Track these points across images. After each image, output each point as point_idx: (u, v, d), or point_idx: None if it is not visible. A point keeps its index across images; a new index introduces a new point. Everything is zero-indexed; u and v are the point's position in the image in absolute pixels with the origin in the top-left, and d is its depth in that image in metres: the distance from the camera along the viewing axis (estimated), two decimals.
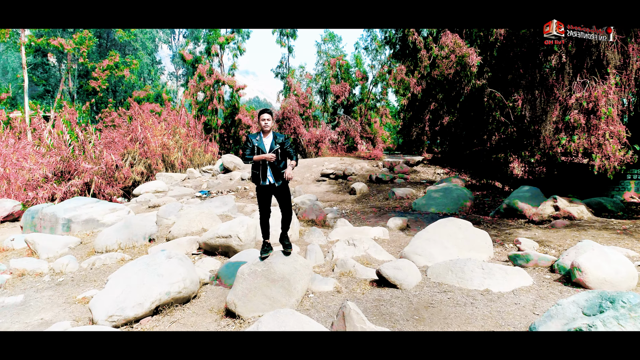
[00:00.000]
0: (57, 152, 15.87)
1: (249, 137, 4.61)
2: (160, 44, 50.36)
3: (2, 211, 11.19)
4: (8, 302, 5.28)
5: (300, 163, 17.62)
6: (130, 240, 7.38)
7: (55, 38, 30.76)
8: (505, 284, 4.68)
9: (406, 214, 9.90)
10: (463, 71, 12.40)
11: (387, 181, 14.19)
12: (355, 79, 25.94)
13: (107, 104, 32.22)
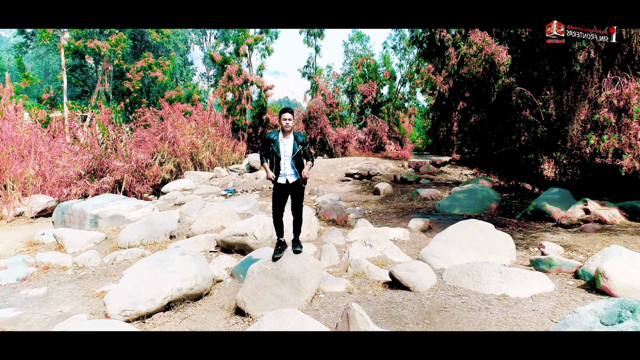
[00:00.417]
0: (90, 151, 16.38)
1: (267, 135, 4.58)
2: (192, 45, 51.33)
3: (37, 206, 11.63)
4: (31, 294, 5.46)
5: (325, 163, 17.59)
6: (152, 237, 7.52)
7: (92, 40, 31.90)
8: (523, 289, 4.49)
9: (429, 215, 9.70)
10: (492, 69, 12.05)
11: (412, 182, 13.97)
12: (383, 79, 25.71)
13: (140, 104, 33.13)
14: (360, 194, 13.38)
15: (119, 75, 35.08)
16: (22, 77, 32.99)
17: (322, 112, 23.48)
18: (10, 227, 10.52)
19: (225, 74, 26.45)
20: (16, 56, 32.82)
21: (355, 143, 24.97)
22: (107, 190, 15.64)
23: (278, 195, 4.60)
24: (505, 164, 13.11)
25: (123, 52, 33.01)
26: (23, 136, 13.62)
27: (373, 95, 25.17)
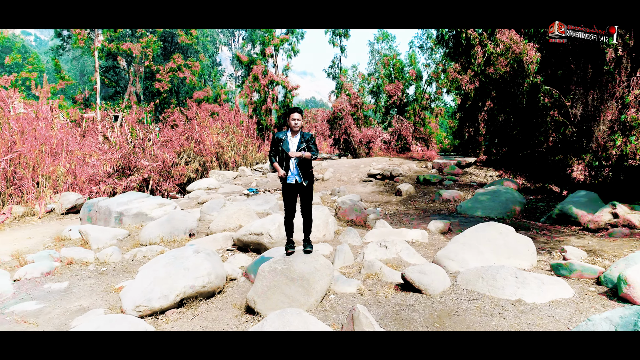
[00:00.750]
0: (118, 150, 16.84)
1: (275, 136, 4.62)
2: (221, 47, 52.12)
3: (67, 203, 12.03)
4: (54, 288, 5.65)
5: (348, 163, 17.54)
6: (172, 235, 7.66)
7: (125, 43, 32.83)
8: (540, 294, 4.35)
9: (450, 217, 9.53)
10: (519, 68, 11.73)
11: (435, 183, 13.76)
12: (409, 78, 25.43)
13: (169, 104, 33.91)
14: (382, 195, 13.26)
15: (150, 76, 35.97)
16: (58, 78, 34.26)
17: (346, 112, 23.41)
18: (42, 223, 10.93)
19: (251, 74, 26.75)
20: (52, 58, 34.05)
21: (380, 143, 24.79)
22: (135, 189, 16.03)
23: (287, 195, 4.62)
24: (532, 165, 12.74)
25: (154, 53, 33.84)
26: (55, 135, 14.10)
27: (398, 95, 24.93)
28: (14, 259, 7.09)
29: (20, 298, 5.37)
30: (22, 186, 12.09)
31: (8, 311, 4.98)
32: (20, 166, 12.42)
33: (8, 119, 13.23)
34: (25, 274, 6.04)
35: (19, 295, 5.47)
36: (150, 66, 34.14)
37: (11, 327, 4.54)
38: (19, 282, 5.93)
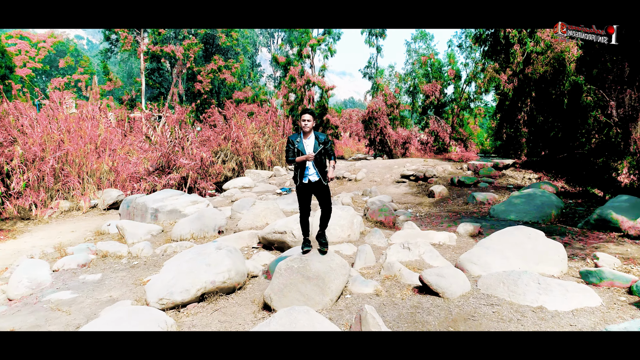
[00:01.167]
0: (159, 149, 17.47)
1: (289, 138, 4.70)
2: (260, 48, 52.96)
3: (109, 199, 12.62)
4: (88, 279, 5.97)
5: (381, 164, 17.41)
6: (202, 231, 7.89)
7: (168, 45, 34.01)
8: (564, 302, 4.19)
9: (482, 220, 9.30)
10: (560, 67, 11.28)
11: (469, 185, 13.44)
12: (448, 78, 24.91)
13: (210, 104, 34.81)
14: (415, 196, 13.10)
15: (191, 78, 37.07)
16: (106, 80, 35.89)
17: (382, 113, 23.23)
18: (85, 218, 11.52)
19: (288, 75, 27.05)
20: (102, 61, 35.72)
21: (417, 144, 24.45)
22: (174, 186, 16.56)
23: (302, 195, 4.68)
24: (573, 168, 12.20)
25: (195, 55, 34.87)
26: (100, 134, 14.81)
27: (436, 95, 24.49)
28: (56, 250, 7.53)
29: (57, 287, 5.71)
30: (68, 182, 12.78)
31: (45, 299, 5.31)
32: (67, 163, 13.13)
33: (57, 119, 14.01)
34: (63, 265, 6.41)
35: (56, 284, 5.82)
36: (192, 68, 35.19)
37: (46, 315, 4.85)
38: (58, 272, 6.30)
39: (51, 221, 11.07)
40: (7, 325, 4.61)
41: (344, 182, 15.77)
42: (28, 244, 8.62)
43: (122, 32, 32.15)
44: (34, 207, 11.43)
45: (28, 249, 8.16)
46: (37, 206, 11.53)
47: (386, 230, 8.42)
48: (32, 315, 4.86)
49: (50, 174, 12.38)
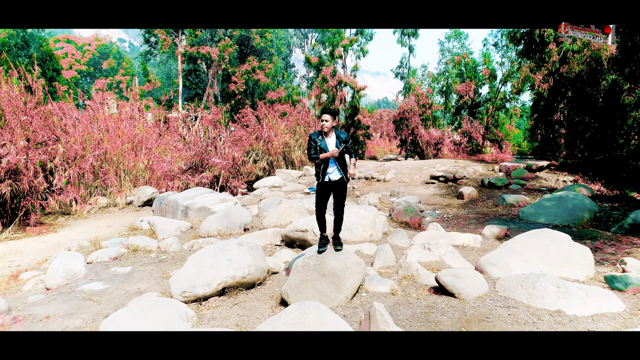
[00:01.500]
0: (192, 148, 17.99)
1: (311, 136, 4.79)
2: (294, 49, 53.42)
3: (143, 196, 13.11)
4: (119, 272, 6.27)
5: (411, 164, 17.28)
6: (228, 228, 8.11)
7: (204, 47, 34.84)
8: (584, 306, 4.10)
9: (510, 222, 9.12)
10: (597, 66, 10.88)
11: (500, 187, 13.16)
12: (482, 77, 24.41)
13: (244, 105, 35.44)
14: (444, 198, 12.95)
15: (226, 79, 37.82)
16: (145, 81, 37.14)
17: (413, 113, 23.02)
18: (121, 213, 12.03)
19: (321, 75, 27.18)
20: (141, 63, 37.01)
21: (450, 145, 24.09)
22: (206, 185, 16.99)
23: (321, 193, 4.76)
24: (611, 170, 11.73)
25: (230, 57, 35.56)
26: (137, 134, 15.39)
27: (470, 95, 24.04)
28: (92, 244, 7.92)
29: (90, 279, 6.03)
30: (106, 179, 13.36)
31: (79, 289, 5.63)
32: (105, 162, 13.74)
33: (97, 119, 14.67)
34: (97, 257, 6.75)
35: (89, 276, 6.15)
36: (227, 69, 35.90)
37: (79, 304, 5.14)
38: (91, 264, 6.65)
39: (90, 216, 11.63)
40: (42, 312, 4.93)
41: (372, 183, 15.76)
42: (67, 238, 9.10)
43: (161, 35, 33.17)
44: (74, 202, 12.02)
45: (67, 242, 8.63)
46: (77, 202, 12.12)
47: (410, 231, 8.39)
48: (65, 304, 5.17)
49: (90, 172, 12.98)
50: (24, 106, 11.28)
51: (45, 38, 39.03)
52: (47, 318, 4.76)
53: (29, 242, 8.88)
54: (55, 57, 37.25)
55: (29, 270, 6.68)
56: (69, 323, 4.59)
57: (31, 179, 10.08)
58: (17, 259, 7.54)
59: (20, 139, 10.10)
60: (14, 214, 10.01)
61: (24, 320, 4.72)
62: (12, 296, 5.63)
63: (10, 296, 5.61)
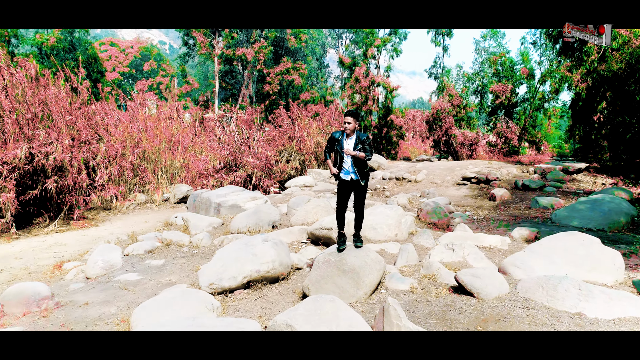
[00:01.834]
0: (227, 147, 18.47)
1: (332, 134, 4.93)
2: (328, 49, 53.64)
3: (179, 194, 13.61)
4: (152, 264, 6.60)
5: (443, 165, 17.10)
6: (257, 225, 8.36)
7: (240, 48, 35.58)
8: (606, 310, 4.04)
9: (542, 225, 8.95)
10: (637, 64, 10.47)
11: (534, 189, 12.86)
12: (520, 77, 23.79)
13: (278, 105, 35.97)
14: (475, 199, 12.79)
15: (261, 79, 38.49)
16: (183, 82, 38.27)
17: (447, 114, 22.73)
18: (157, 210, 12.54)
19: (353, 76, 27.27)
20: (180, 65, 38.18)
21: (485, 146, 23.66)
22: (239, 184, 17.41)
23: (341, 191, 4.89)
24: None
25: (265, 58, 36.16)
26: (173, 133, 15.96)
27: (507, 95, 23.49)
28: (129, 238, 8.35)
29: (126, 270, 6.39)
30: (145, 177, 13.95)
31: (115, 279, 5.99)
32: (144, 160, 14.34)
33: (137, 120, 15.32)
34: (133, 250, 7.13)
35: (125, 267, 6.52)
36: (262, 70, 36.53)
37: (115, 292, 5.48)
38: (128, 256, 7.03)
39: (128, 212, 12.18)
40: (82, 299, 5.29)
41: (403, 183, 15.72)
42: (107, 231, 9.61)
43: (199, 37, 34.07)
44: (114, 198, 12.63)
45: (107, 235, 9.11)
46: (117, 198, 12.73)
47: (437, 232, 8.39)
48: (103, 292, 5.52)
49: (129, 169, 13.58)
50: (69, 107, 11.94)
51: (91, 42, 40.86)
52: (86, 304, 5.10)
53: (72, 235, 9.42)
54: (100, 60, 38.94)
55: (72, 261, 7.12)
56: (105, 310, 4.92)
57: (75, 176, 10.67)
58: (61, 250, 8.04)
59: (66, 138, 10.70)
60: (59, 209, 10.64)
61: (65, 305, 5.09)
62: (56, 284, 6.04)
63: (54, 284, 6.03)
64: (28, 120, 10.39)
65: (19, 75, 11.00)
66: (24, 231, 9.74)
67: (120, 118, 15.07)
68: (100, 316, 4.74)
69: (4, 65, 10.87)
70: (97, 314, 4.80)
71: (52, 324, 4.53)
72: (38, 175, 10.11)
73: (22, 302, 4.89)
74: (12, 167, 9.43)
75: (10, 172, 9.42)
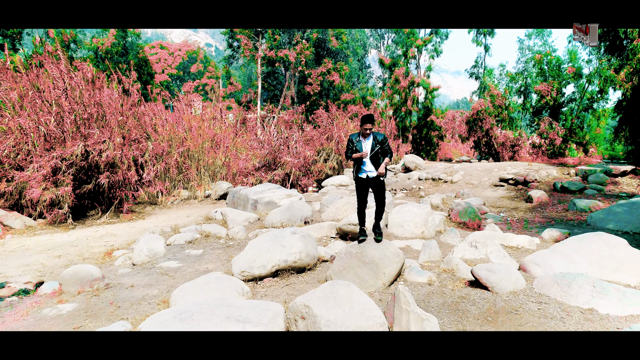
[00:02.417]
0: (266, 147, 19.09)
1: (350, 137, 5.24)
2: (370, 50, 53.62)
3: (220, 190, 14.28)
4: (192, 253, 7.13)
5: (481, 167, 16.92)
6: (290, 221, 8.76)
7: (282, 50, 36.32)
8: (619, 307, 4.12)
9: (576, 227, 8.83)
10: None
11: (574, 191, 12.55)
12: (567, 76, 23.00)
13: (319, 105, 36.47)
14: (511, 201, 12.65)
15: (302, 80, 39.11)
16: (227, 84, 39.51)
17: (488, 114, 22.36)
18: (200, 205, 13.24)
19: (393, 76, 27.29)
20: (224, 66, 39.43)
21: (528, 147, 23.08)
22: (278, 182, 17.98)
23: (360, 189, 5.19)
24: None
25: (307, 59, 36.74)
26: (216, 132, 16.71)
27: (552, 95, 22.80)
28: (172, 230, 8.98)
29: (167, 258, 6.96)
30: (188, 174, 14.74)
31: (158, 266, 6.54)
32: (188, 158, 15.14)
33: (182, 120, 16.17)
34: (174, 240, 7.71)
35: (167, 255, 7.08)
36: (303, 71, 37.13)
37: (157, 277, 6.02)
38: (170, 246, 7.62)
39: (173, 207, 12.95)
40: (128, 282, 5.85)
41: (439, 184, 15.71)
42: (153, 224, 10.32)
43: (243, 39, 35.06)
44: (160, 194, 13.46)
45: (152, 227, 9.80)
46: (162, 193, 13.55)
47: (466, 232, 8.48)
48: (147, 277, 6.07)
49: (174, 167, 14.40)
50: (121, 107, 12.85)
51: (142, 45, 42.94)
52: (131, 286, 5.66)
53: (122, 226, 10.20)
54: (149, 63, 40.86)
55: (120, 249, 7.78)
56: (148, 292, 5.44)
57: (125, 172, 11.50)
58: (112, 240, 8.76)
59: (117, 137, 11.55)
60: (110, 203, 11.50)
61: (113, 287, 5.66)
62: (106, 269, 6.67)
63: (105, 268, 6.66)
64: (84, 120, 11.30)
65: (77, 78, 11.97)
66: (79, 222, 10.63)
67: (167, 118, 15.95)
68: (144, 297, 5.26)
69: (64, 69, 11.86)
70: (141, 295, 5.32)
71: (102, 302, 5.09)
72: (92, 171, 10.99)
73: (78, 281, 5.51)
74: (69, 163, 10.33)
75: (68, 168, 10.32)
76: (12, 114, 10.81)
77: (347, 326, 3.35)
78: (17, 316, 4.69)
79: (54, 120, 10.76)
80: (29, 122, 10.48)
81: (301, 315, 3.56)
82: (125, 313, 4.68)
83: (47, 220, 10.17)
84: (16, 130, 10.47)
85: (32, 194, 9.68)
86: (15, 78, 11.64)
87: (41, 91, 11.19)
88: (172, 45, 64.06)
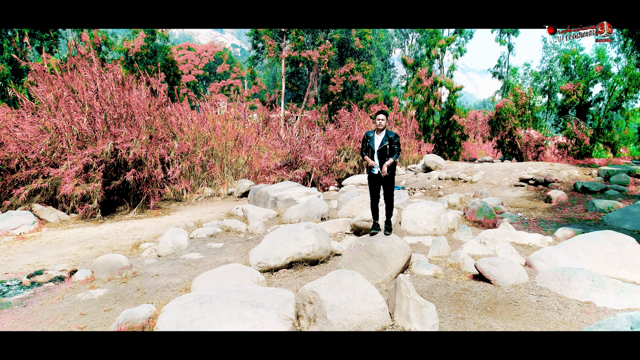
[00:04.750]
0: (288, 146, 19.47)
1: (365, 134, 5.51)
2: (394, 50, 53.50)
3: (242, 188, 14.72)
4: (213, 246, 7.54)
5: (502, 167, 16.86)
6: (307, 217, 9.08)
7: (305, 50, 36.72)
8: (616, 301, 4.27)
9: (592, 227, 8.84)
10: None
11: (595, 192, 12.44)
12: (594, 75, 22.58)
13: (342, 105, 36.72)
14: (530, 201, 12.64)
15: (325, 80, 39.41)
16: (252, 84, 40.18)
17: (511, 113, 22.16)
18: (222, 202, 13.71)
19: (416, 76, 27.31)
20: (248, 67, 40.12)
21: (553, 148, 22.77)
22: (299, 181, 18.30)
23: (371, 184, 5.45)
24: None
25: (330, 59, 37.04)
26: (239, 132, 17.19)
27: (578, 94, 22.43)
28: (195, 224, 9.42)
29: (190, 250, 7.38)
30: (212, 172, 15.25)
31: (181, 257, 6.97)
32: (212, 157, 15.65)
33: (207, 120, 16.71)
34: (197, 234, 8.14)
35: (190, 248, 7.51)
36: (327, 71, 37.43)
37: (180, 267, 6.44)
38: (192, 239, 8.05)
39: (197, 203, 13.46)
40: (154, 271, 6.29)
41: (458, 184, 15.76)
42: (177, 219, 10.81)
43: (267, 40, 35.61)
44: (185, 191, 13.99)
45: (177, 222, 10.28)
46: (187, 191, 14.09)
47: (480, 230, 8.62)
48: (170, 267, 6.50)
49: (199, 165, 14.93)
50: (148, 108, 13.43)
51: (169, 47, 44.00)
52: (157, 275, 6.08)
53: (148, 221, 10.73)
54: (176, 64, 41.89)
55: (147, 242, 8.26)
56: (172, 280, 5.85)
57: (151, 170, 12.05)
58: (139, 234, 9.27)
59: (144, 135, 12.11)
60: (137, 199, 12.07)
61: (140, 275, 6.10)
62: (134, 259, 7.14)
63: (132, 259, 7.13)
64: (114, 120, 11.91)
65: (108, 80, 12.61)
66: (108, 217, 11.23)
67: (192, 118, 16.52)
68: (168, 284, 5.67)
69: (96, 71, 12.51)
70: (165, 283, 5.73)
71: (130, 288, 5.52)
72: (121, 168, 11.58)
73: (108, 269, 5.97)
74: (100, 160, 10.93)
75: (99, 165, 10.91)
76: (48, 115, 11.50)
77: (350, 310, 3.64)
78: (53, 299, 5.15)
79: (86, 120, 11.39)
80: (63, 122, 11.14)
81: (309, 300, 3.86)
82: (150, 298, 5.08)
83: (79, 214, 10.79)
84: (52, 130, 11.14)
85: (65, 190, 10.30)
86: (51, 80, 12.35)
87: (75, 92, 11.85)
88: (199, 46, 65.39)
